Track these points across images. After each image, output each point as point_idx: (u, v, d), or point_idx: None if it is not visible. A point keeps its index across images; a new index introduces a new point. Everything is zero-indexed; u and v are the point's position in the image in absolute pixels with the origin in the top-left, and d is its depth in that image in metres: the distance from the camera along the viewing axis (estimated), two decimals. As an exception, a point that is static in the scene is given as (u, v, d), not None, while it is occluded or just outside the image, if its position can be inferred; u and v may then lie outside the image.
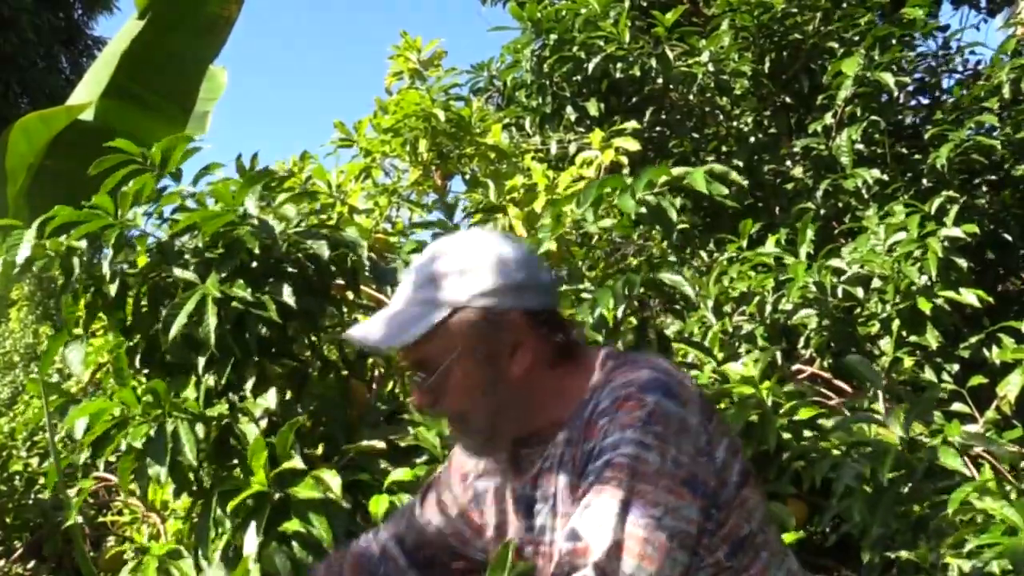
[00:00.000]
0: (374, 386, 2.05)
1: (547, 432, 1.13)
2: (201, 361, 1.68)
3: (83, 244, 1.73)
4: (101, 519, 3.45)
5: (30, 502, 3.77)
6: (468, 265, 1.11)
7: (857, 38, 3.61)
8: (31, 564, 3.64)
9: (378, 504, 1.52)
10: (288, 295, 1.68)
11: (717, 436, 1.06)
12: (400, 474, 1.58)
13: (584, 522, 0.97)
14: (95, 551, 3.19)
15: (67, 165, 2.86)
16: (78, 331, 1.82)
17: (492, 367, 1.11)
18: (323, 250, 1.75)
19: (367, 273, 1.97)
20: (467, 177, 3.25)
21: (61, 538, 3.71)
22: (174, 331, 1.63)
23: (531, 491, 1.13)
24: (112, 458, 1.68)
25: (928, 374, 2.57)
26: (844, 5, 3.77)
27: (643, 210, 1.92)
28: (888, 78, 3.27)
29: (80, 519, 3.25)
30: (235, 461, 1.67)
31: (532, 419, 1.13)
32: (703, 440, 1.04)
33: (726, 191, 2.02)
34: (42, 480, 3.82)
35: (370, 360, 2.12)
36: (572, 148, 3.58)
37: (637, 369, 1.07)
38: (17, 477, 3.82)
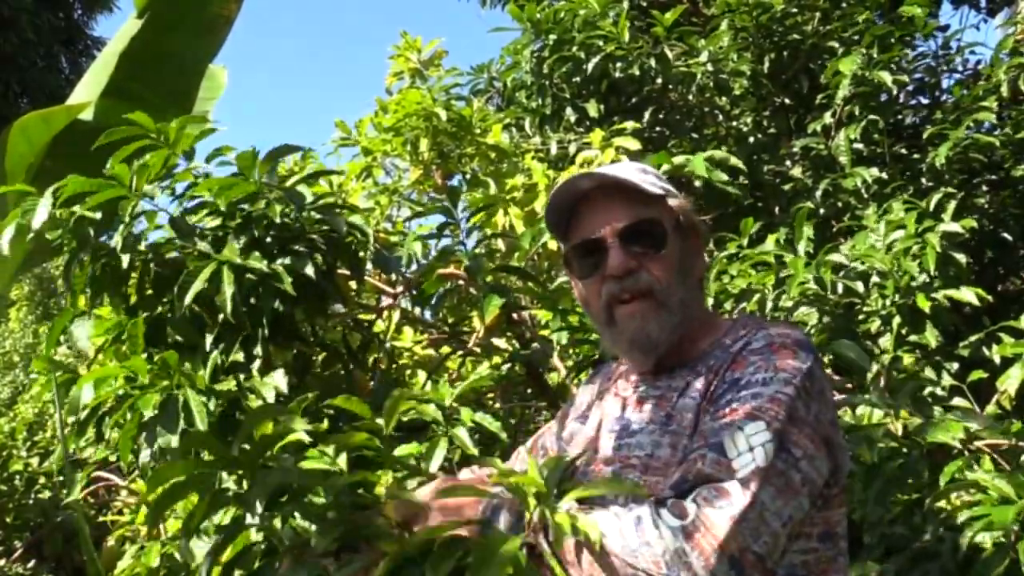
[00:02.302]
0: (377, 372, 2.06)
1: (667, 370, 1.19)
2: (208, 339, 1.66)
3: (97, 215, 1.70)
4: (101, 519, 3.45)
5: (30, 502, 3.78)
6: (642, 168, 1.23)
7: (856, 37, 3.62)
8: (31, 563, 3.64)
9: (381, 479, 1.52)
10: (309, 268, 1.67)
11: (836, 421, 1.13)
12: (403, 450, 1.58)
13: (733, 441, 1.01)
14: (95, 550, 3.20)
15: (67, 165, 2.85)
16: (83, 306, 1.80)
17: (690, 257, 1.20)
18: (340, 225, 1.73)
19: (371, 261, 1.96)
20: (468, 177, 3.26)
21: (61, 538, 3.71)
22: (188, 298, 1.59)
23: (633, 414, 1.19)
24: (115, 435, 1.67)
25: (928, 373, 2.57)
26: (843, 5, 3.77)
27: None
28: (886, 77, 3.27)
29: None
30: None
31: (684, 330, 1.18)
32: (834, 414, 1.11)
33: (726, 177, 2.03)
34: (42, 480, 3.82)
35: (371, 351, 2.13)
36: (572, 148, 3.58)
37: (791, 327, 1.14)
38: (17, 477, 3.82)
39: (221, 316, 1.62)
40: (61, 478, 3.50)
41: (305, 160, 2.95)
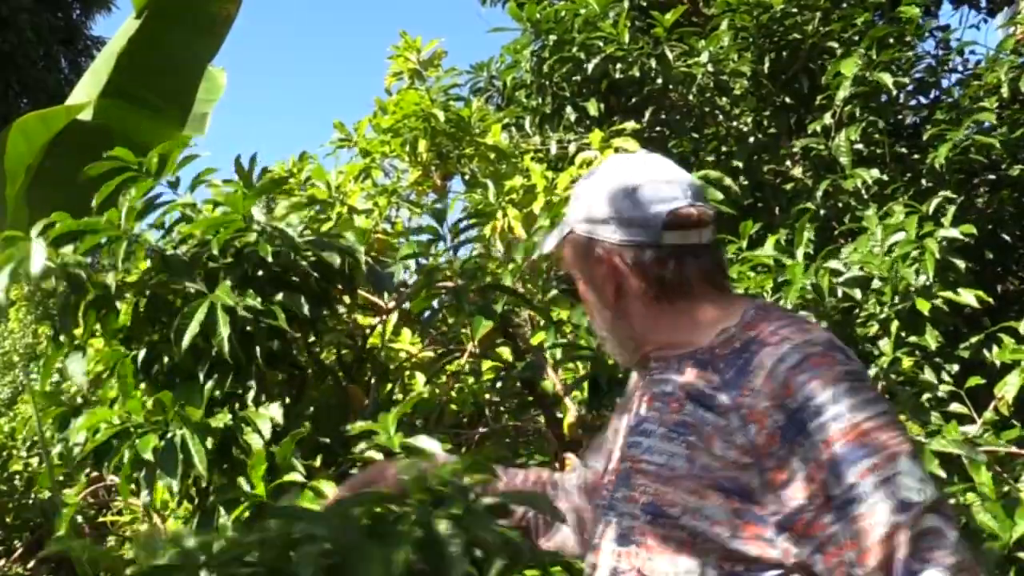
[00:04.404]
0: (372, 387, 2.05)
1: (670, 357, 1.13)
2: (203, 370, 1.67)
3: (87, 260, 1.73)
4: (101, 519, 3.45)
5: (30, 502, 3.77)
6: (587, 191, 1.20)
7: (856, 38, 3.61)
8: (31, 564, 3.64)
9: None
10: (303, 305, 1.68)
11: None
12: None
13: (899, 487, 0.93)
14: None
15: (66, 165, 2.85)
16: (78, 340, 1.81)
17: (595, 288, 1.19)
18: (335, 259, 1.74)
19: (364, 278, 1.97)
20: (467, 177, 3.25)
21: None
22: (187, 341, 1.60)
23: (645, 410, 1.14)
24: (113, 468, 1.67)
25: (927, 375, 2.56)
26: (844, 5, 3.77)
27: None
28: (886, 78, 3.27)
29: (79, 518, 3.25)
30: (237, 470, 1.67)
31: (642, 343, 1.17)
32: None
33: (721, 196, 2.02)
34: (42, 480, 3.82)
35: (365, 366, 2.12)
36: (572, 148, 3.58)
37: (799, 329, 1.07)
38: (17, 477, 3.82)
39: (215, 350, 1.63)
40: (61, 478, 3.50)
41: (303, 162, 2.95)
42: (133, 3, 3.05)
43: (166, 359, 1.73)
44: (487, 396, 2.32)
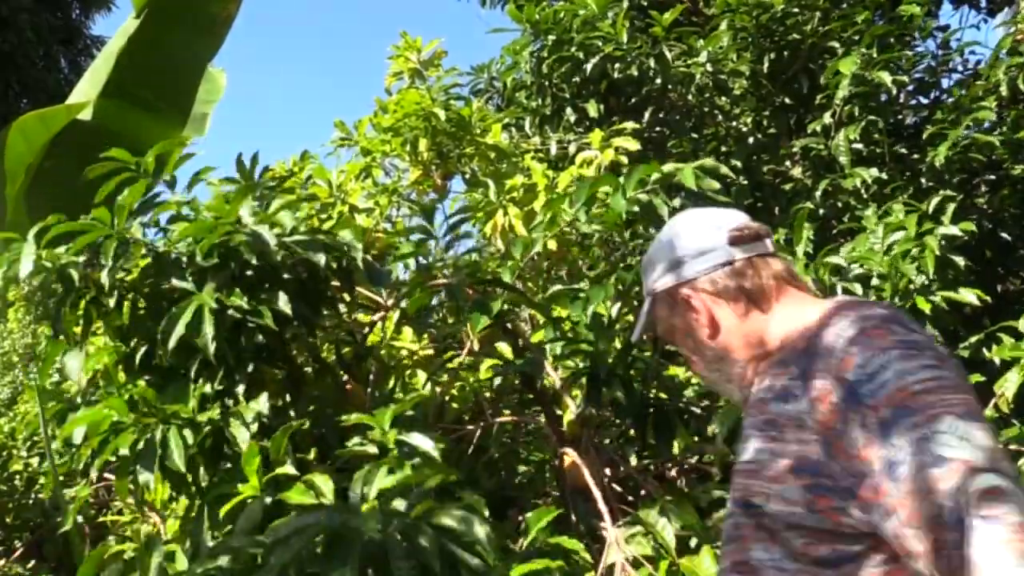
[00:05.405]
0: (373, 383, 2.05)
1: (766, 369, 1.18)
2: (195, 366, 1.69)
3: (81, 259, 1.75)
4: (101, 519, 3.45)
5: (30, 502, 3.77)
6: (651, 256, 1.29)
7: (856, 37, 3.61)
8: (31, 564, 3.64)
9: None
10: (284, 303, 1.70)
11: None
12: (388, 481, 1.57)
13: (940, 442, 0.93)
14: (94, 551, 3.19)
15: (66, 165, 2.85)
16: (76, 335, 1.82)
17: (690, 336, 1.25)
18: (320, 258, 1.76)
19: (363, 275, 1.97)
20: (467, 177, 3.25)
21: (61, 538, 3.71)
22: (173, 341, 1.64)
23: (746, 423, 1.18)
24: (111, 457, 1.68)
25: (927, 373, 2.55)
26: (844, 5, 3.77)
27: (635, 208, 1.94)
28: (886, 77, 3.27)
29: (80, 518, 3.25)
30: (228, 465, 1.68)
31: (747, 367, 1.21)
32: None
33: (717, 185, 2.02)
34: (42, 480, 3.82)
35: (365, 363, 2.12)
36: (572, 148, 3.58)
37: (871, 304, 1.12)
38: (17, 477, 3.82)
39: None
40: (62, 477, 3.51)
41: (304, 161, 2.95)
42: (133, 3, 3.05)
43: (160, 355, 1.75)
44: (487, 394, 2.32)
